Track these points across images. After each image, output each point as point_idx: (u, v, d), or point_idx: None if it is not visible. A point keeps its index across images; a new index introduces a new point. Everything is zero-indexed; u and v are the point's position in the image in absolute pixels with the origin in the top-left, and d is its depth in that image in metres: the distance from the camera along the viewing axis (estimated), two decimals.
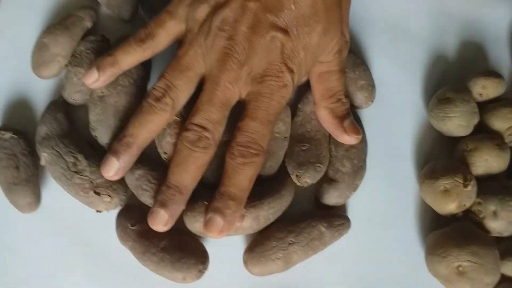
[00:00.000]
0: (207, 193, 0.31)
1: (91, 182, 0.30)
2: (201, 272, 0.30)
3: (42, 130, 0.31)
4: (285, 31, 0.29)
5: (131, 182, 0.31)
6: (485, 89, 0.35)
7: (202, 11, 0.30)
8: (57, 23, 0.34)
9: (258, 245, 0.31)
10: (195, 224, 0.30)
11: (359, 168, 0.34)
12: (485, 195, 0.33)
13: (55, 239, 0.32)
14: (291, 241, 0.31)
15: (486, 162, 0.34)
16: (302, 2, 0.29)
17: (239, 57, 0.29)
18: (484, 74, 0.36)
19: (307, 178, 0.33)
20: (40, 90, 0.34)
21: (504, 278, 0.33)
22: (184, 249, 0.30)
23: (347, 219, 0.33)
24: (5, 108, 0.33)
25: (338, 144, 0.34)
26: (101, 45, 0.34)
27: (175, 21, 0.31)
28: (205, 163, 0.30)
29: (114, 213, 0.31)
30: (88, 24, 0.35)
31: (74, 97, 0.33)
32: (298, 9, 0.29)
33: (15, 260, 0.31)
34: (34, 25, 0.36)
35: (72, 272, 0.31)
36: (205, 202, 0.30)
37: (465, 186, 0.32)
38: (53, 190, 0.32)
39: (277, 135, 0.33)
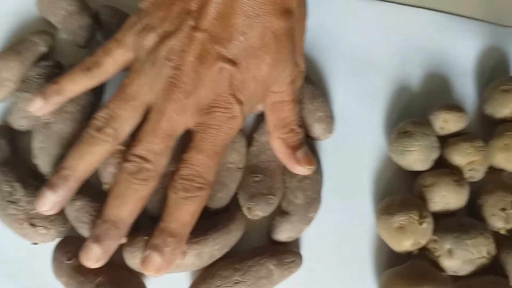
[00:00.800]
0: (151, 225, 0.29)
1: (26, 213, 0.28)
2: None
3: None
4: (233, 63, 0.28)
5: (70, 213, 0.29)
6: (446, 123, 0.34)
7: (149, 40, 0.29)
8: (9, 48, 0.33)
9: (202, 283, 0.30)
10: (134, 260, 0.29)
11: (313, 200, 0.32)
12: (441, 233, 0.31)
13: None
14: (237, 280, 0.29)
15: (443, 198, 0.32)
16: (251, 34, 0.28)
17: (186, 87, 0.28)
18: (445, 107, 0.34)
19: (258, 211, 0.31)
20: None
21: None
22: (121, 286, 0.28)
23: (298, 256, 0.31)
24: None
25: (292, 175, 0.33)
26: (53, 71, 0.33)
27: (122, 50, 0.30)
28: (145, 196, 0.28)
29: (52, 244, 0.30)
30: (42, 49, 0.34)
31: (20, 123, 0.32)
32: (247, 40, 0.28)
33: None
34: None
35: None
36: (145, 237, 0.29)
37: (420, 223, 0.31)
38: None
39: (230, 165, 0.32)
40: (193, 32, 0.28)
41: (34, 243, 0.29)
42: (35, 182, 0.30)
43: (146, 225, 0.30)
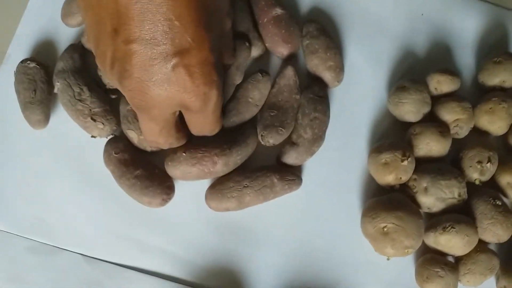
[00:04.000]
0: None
1: (90, 110, 0.35)
2: (165, 201, 0.35)
3: (60, 65, 0.37)
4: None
5: (122, 110, 0.36)
6: (440, 84, 0.39)
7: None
8: None
9: (219, 184, 0.36)
10: (175, 172, 0.35)
11: (318, 137, 0.38)
12: (420, 173, 0.36)
13: (56, 154, 0.37)
14: (246, 184, 0.36)
15: (427, 145, 0.37)
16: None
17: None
18: (440, 70, 0.39)
19: (270, 138, 0.37)
20: (66, 36, 0.39)
21: (428, 250, 0.37)
22: (153, 180, 0.35)
23: (299, 177, 0.37)
24: (36, 46, 0.39)
25: (304, 114, 0.38)
26: None
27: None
28: None
29: (105, 140, 0.37)
30: None
31: None
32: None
33: (21, 167, 0.37)
34: None
35: (64, 182, 0.37)
36: (183, 153, 0.35)
37: (402, 160, 0.36)
38: (60, 116, 0.37)
39: (250, 100, 0.37)
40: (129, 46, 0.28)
41: (93, 136, 0.36)
42: (98, 88, 0.37)
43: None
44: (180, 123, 0.33)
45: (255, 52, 0.39)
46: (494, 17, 0.42)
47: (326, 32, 0.40)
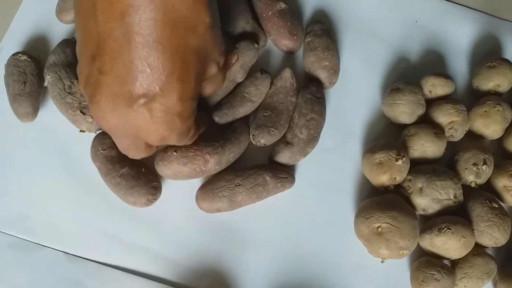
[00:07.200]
0: None
1: (80, 103, 0.34)
2: (150, 201, 0.34)
3: (51, 58, 0.36)
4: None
5: None
6: (434, 87, 0.38)
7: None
8: None
9: (209, 184, 0.35)
10: (166, 172, 0.34)
11: (313, 138, 0.37)
12: (415, 173, 0.35)
13: (44, 149, 0.36)
14: (238, 183, 0.34)
15: (422, 146, 0.36)
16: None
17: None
18: (435, 74, 0.38)
19: (261, 139, 0.36)
20: (60, 31, 0.39)
21: (424, 253, 0.35)
22: (139, 179, 0.34)
23: (292, 176, 0.36)
24: (29, 41, 0.39)
25: (301, 114, 0.37)
26: None
27: None
28: None
29: (94, 136, 0.35)
30: None
31: None
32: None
33: (7, 161, 0.36)
34: None
35: (51, 177, 0.36)
36: (174, 152, 0.34)
37: (397, 160, 0.35)
38: (50, 110, 0.36)
39: (246, 94, 0.37)
40: (100, 76, 0.28)
41: (82, 131, 0.35)
42: None
43: None
44: None
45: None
46: (487, 27, 0.42)
47: (330, 34, 0.39)
